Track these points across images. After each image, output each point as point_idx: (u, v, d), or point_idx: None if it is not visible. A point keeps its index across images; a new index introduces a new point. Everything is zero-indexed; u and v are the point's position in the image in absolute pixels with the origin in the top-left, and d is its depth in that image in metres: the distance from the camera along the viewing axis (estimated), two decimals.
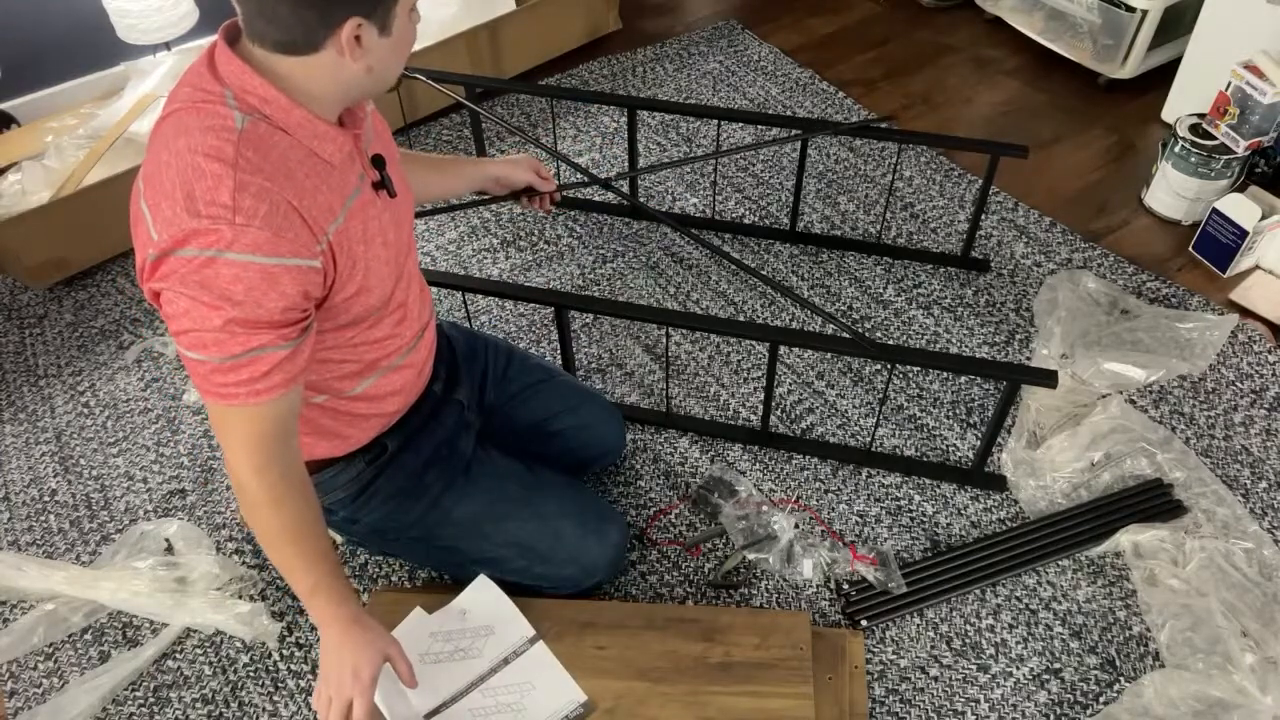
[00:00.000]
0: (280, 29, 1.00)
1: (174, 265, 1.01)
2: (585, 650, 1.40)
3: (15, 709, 1.44)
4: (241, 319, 1.02)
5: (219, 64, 1.04)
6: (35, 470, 1.77)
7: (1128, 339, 1.89)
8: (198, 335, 1.03)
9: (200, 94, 1.03)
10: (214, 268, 1.00)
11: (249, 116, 1.03)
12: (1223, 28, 2.24)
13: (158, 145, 1.04)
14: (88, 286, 2.12)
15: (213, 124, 1.01)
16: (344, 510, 1.40)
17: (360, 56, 1.04)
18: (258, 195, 1.00)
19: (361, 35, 1.02)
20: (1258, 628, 1.45)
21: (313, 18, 1.00)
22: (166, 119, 1.06)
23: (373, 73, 1.08)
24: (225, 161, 0.99)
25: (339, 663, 1.18)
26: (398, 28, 1.06)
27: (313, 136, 1.07)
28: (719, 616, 1.45)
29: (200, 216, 0.99)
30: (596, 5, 2.75)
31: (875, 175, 2.35)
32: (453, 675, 1.39)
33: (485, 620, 1.44)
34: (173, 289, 1.02)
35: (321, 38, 1.01)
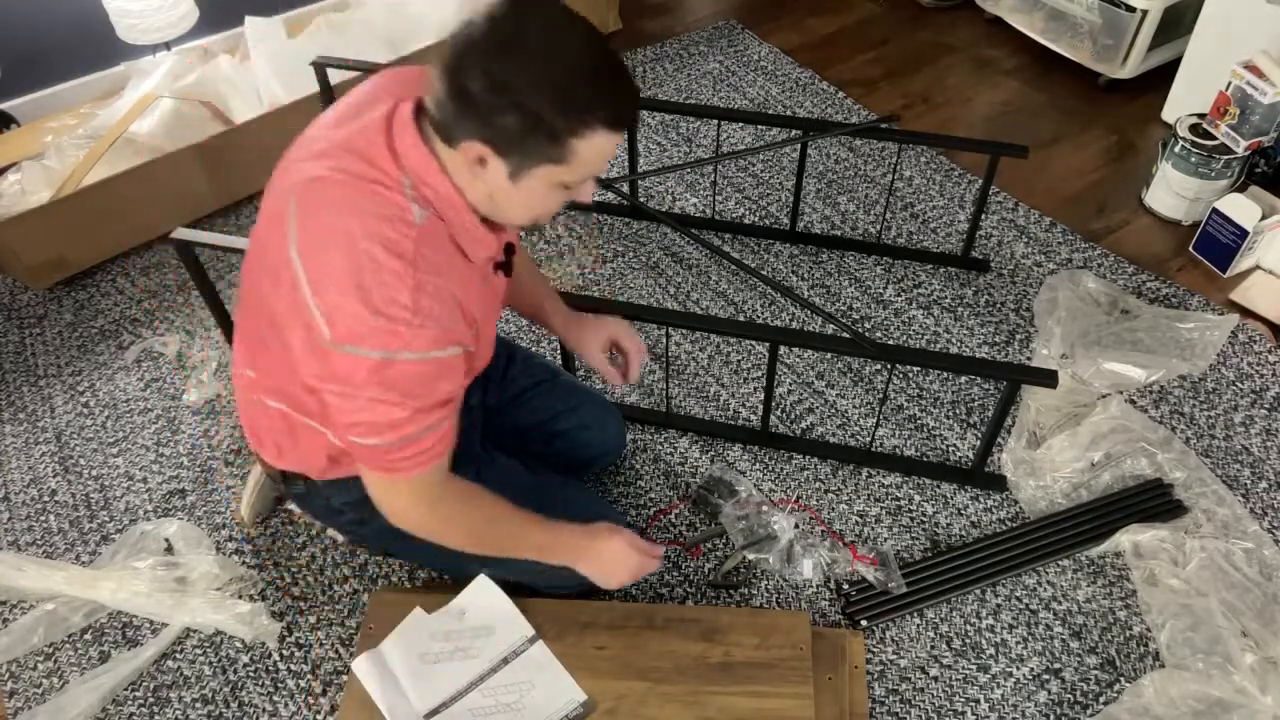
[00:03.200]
0: (437, 107, 1.01)
1: (349, 364, 1.03)
2: (585, 650, 1.40)
3: (15, 709, 1.44)
4: (417, 407, 1.06)
5: (401, 146, 1.04)
6: (35, 470, 1.77)
7: (1128, 339, 1.89)
8: (372, 427, 1.07)
9: (376, 173, 1.04)
10: (393, 368, 1.02)
11: (426, 212, 1.04)
12: (1223, 28, 2.24)
13: (318, 209, 1.04)
14: (87, 286, 2.12)
15: (390, 214, 1.02)
16: (354, 512, 1.40)
17: (480, 176, 1.04)
18: (434, 295, 1.03)
19: (486, 161, 1.02)
20: (1258, 628, 1.45)
21: (454, 115, 0.99)
22: (329, 183, 1.05)
23: (493, 202, 1.08)
24: (405, 259, 1.01)
25: (613, 561, 1.33)
26: (533, 186, 1.04)
27: (472, 241, 1.10)
28: (719, 616, 1.45)
29: (379, 315, 1.00)
30: (596, 5, 2.74)
31: (875, 175, 2.35)
32: (452, 675, 1.39)
33: (485, 620, 1.44)
34: (347, 390, 1.05)
35: (457, 136, 1.01)
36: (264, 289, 1.12)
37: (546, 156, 1.01)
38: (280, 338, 1.12)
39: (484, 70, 0.96)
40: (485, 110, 0.97)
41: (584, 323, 1.49)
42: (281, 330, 1.11)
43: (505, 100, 0.96)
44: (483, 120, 0.98)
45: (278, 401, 1.24)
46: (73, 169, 2.10)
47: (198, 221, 2.23)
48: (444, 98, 0.99)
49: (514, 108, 0.96)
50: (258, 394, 1.26)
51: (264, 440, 1.32)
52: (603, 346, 1.49)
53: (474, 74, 0.96)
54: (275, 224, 1.09)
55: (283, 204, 1.09)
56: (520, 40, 0.96)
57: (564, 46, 0.98)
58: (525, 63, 0.96)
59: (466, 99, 0.97)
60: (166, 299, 2.09)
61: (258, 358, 1.23)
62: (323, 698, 1.44)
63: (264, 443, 1.32)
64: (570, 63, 0.97)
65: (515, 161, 1.01)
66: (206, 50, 2.57)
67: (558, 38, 0.97)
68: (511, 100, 0.96)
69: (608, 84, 1.00)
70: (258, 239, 1.16)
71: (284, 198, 1.09)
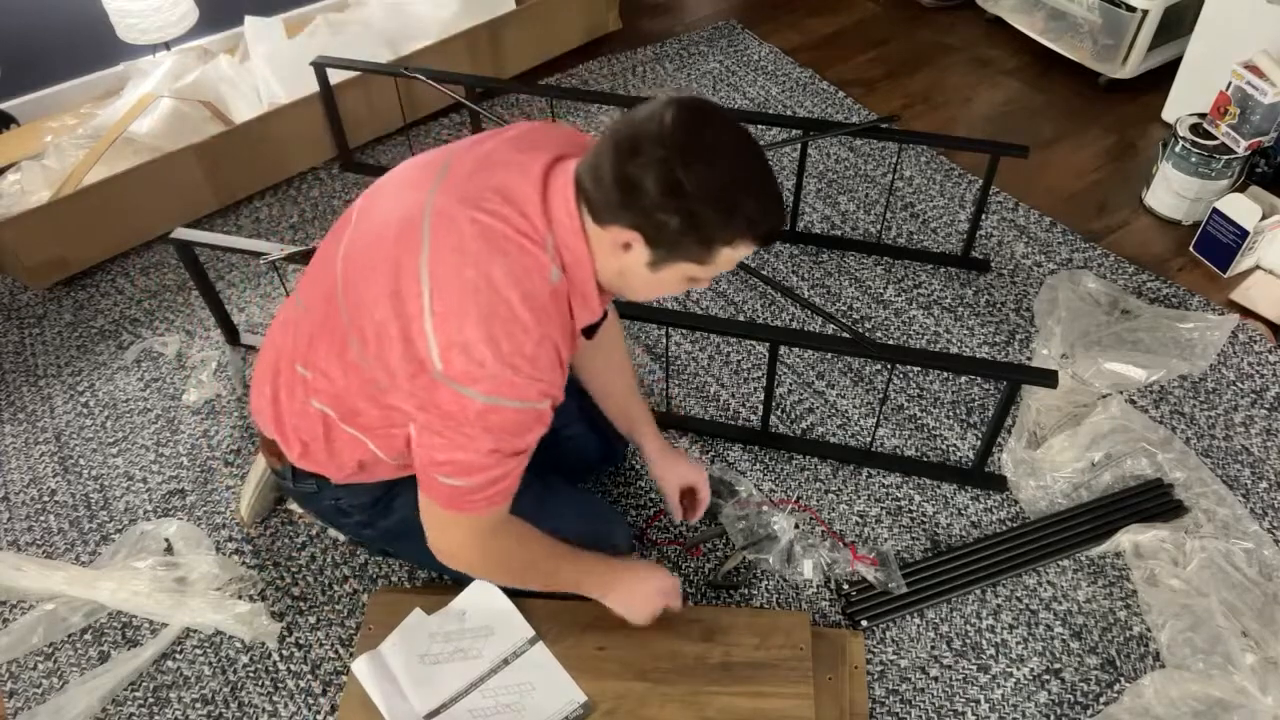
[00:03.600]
0: (595, 185, 1.05)
1: (458, 402, 1.05)
2: (586, 651, 1.40)
3: (15, 709, 1.44)
4: (507, 453, 1.10)
5: (553, 207, 1.08)
6: (35, 470, 1.77)
7: (1128, 339, 1.89)
8: (461, 466, 1.09)
9: (526, 225, 1.07)
10: (500, 414, 1.05)
11: (561, 273, 1.09)
12: (1223, 28, 2.24)
13: (463, 246, 1.06)
14: (87, 286, 2.12)
15: (530, 267, 1.06)
16: (360, 515, 1.40)
17: (619, 256, 1.09)
18: (550, 350, 1.08)
19: (633, 248, 1.07)
20: (1258, 628, 1.45)
21: (615, 200, 1.04)
22: (479, 225, 1.06)
23: (622, 278, 1.13)
24: (536, 315, 1.05)
25: (644, 596, 1.37)
26: (665, 276, 1.10)
27: (585, 306, 1.14)
28: (719, 617, 1.45)
29: (503, 364, 1.04)
30: (596, 5, 2.74)
31: (875, 175, 2.35)
32: (453, 676, 1.39)
33: (485, 621, 1.43)
34: (447, 426, 1.07)
35: (609, 220, 1.06)
36: (365, 296, 1.11)
37: (692, 256, 1.07)
38: (372, 348, 1.12)
39: (661, 170, 1.00)
40: (651, 206, 1.01)
41: (676, 458, 1.54)
42: (376, 343, 1.11)
43: (674, 203, 1.01)
44: (645, 214, 1.03)
45: (325, 405, 1.24)
46: (73, 169, 2.10)
47: (198, 221, 2.23)
48: (609, 181, 1.03)
49: (680, 211, 1.01)
50: (307, 394, 1.25)
51: (289, 436, 1.30)
52: (679, 485, 1.54)
53: (650, 170, 1.00)
54: (401, 240, 1.09)
55: (415, 225, 1.09)
56: (700, 149, 1.00)
57: (735, 162, 1.03)
58: (702, 172, 1.00)
59: (635, 191, 1.01)
60: (166, 299, 2.08)
61: (320, 357, 1.22)
62: (323, 698, 1.44)
63: (289, 439, 1.31)
64: (739, 178, 1.03)
65: (661, 254, 1.07)
66: (206, 50, 2.57)
67: (731, 152, 1.03)
68: (680, 204, 1.01)
69: (766, 204, 1.06)
70: (367, 243, 1.15)
71: (417, 220, 1.09)
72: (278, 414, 1.31)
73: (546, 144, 1.15)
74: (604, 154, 1.04)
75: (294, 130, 2.29)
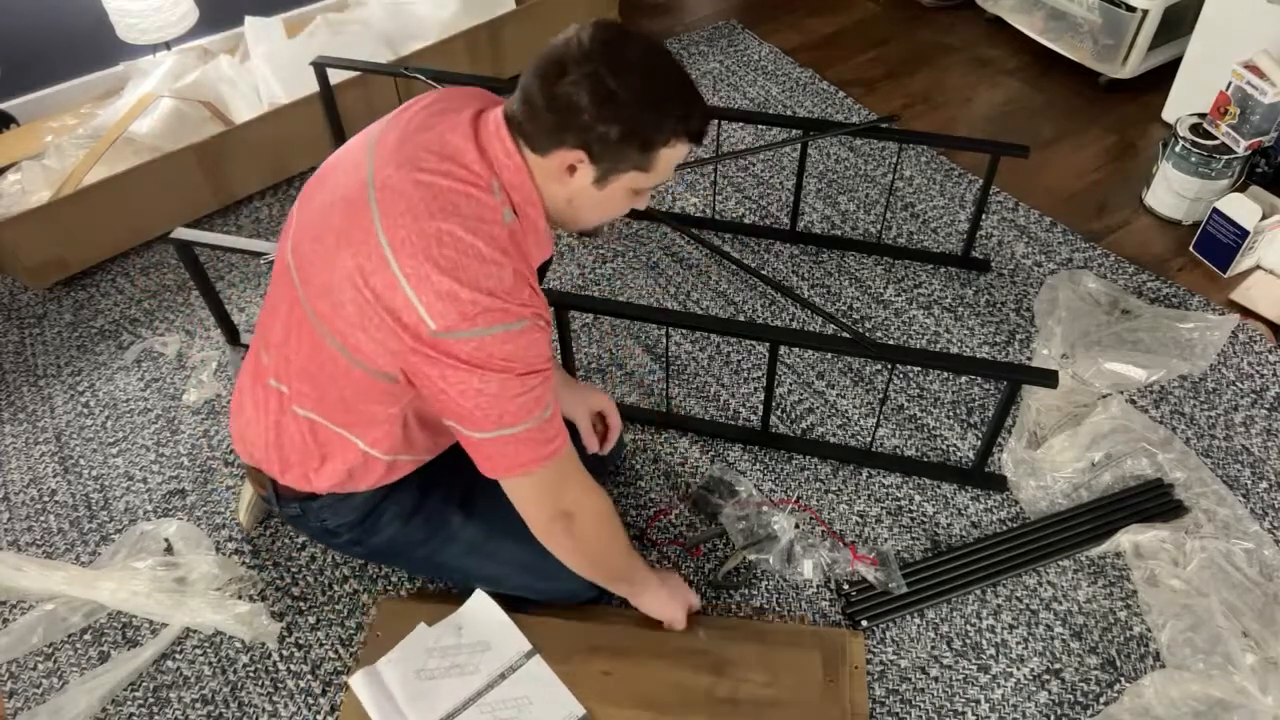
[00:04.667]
0: (529, 117, 1.09)
1: (465, 347, 1.06)
2: (591, 673, 1.38)
3: (15, 709, 1.44)
4: (542, 380, 1.11)
5: (492, 151, 1.11)
6: (35, 470, 1.77)
7: (1128, 339, 1.89)
8: (507, 408, 1.10)
9: (468, 174, 1.09)
10: (509, 340, 1.07)
11: (513, 214, 1.11)
12: (1223, 28, 2.24)
13: (417, 211, 1.07)
14: (87, 286, 2.12)
15: (483, 215, 1.08)
16: (350, 533, 1.39)
17: (565, 182, 1.12)
18: (523, 280, 1.10)
19: (577, 169, 1.11)
20: (1258, 628, 1.45)
21: (552, 124, 1.08)
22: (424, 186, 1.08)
23: (571, 206, 1.16)
24: (501, 251, 1.08)
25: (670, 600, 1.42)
26: (612, 192, 1.14)
27: (538, 244, 1.17)
28: (728, 649, 1.41)
29: (487, 296, 1.05)
30: (596, 5, 2.74)
31: (875, 175, 2.35)
32: (450, 692, 1.38)
33: (481, 636, 1.43)
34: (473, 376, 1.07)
35: (551, 145, 1.09)
36: (329, 283, 1.12)
37: (634, 164, 1.11)
38: (353, 333, 1.12)
39: (592, 83, 1.04)
40: (590, 120, 1.05)
41: (574, 387, 1.54)
42: (357, 324, 1.11)
43: (611, 111, 1.05)
44: (585, 129, 1.06)
45: (309, 411, 1.23)
46: (73, 169, 2.10)
47: (198, 221, 2.23)
48: (542, 106, 1.07)
49: (618, 119, 1.05)
50: (284, 405, 1.25)
51: (270, 455, 1.30)
52: (589, 413, 1.54)
53: (581, 86, 1.04)
54: (350, 219, 1.10)
55: (361, 202, 1.10)
56: (624, 58, 1.06)
57: (658, 66, 1.09)
58: (631, 79, 1.05)
59: (571, 109, 1.05)
60: (166, 299, 2.08)
61: (294, 365, 1.22)
62: (322, 698, 1.44)
63: (269, 457, 1.31)
64: (666, 81, 1.09)
65: (605, 168, 1.10)
66: (206, 50, 2.57)
67: (653, 58, 1.09)
68: (617, 111, 1.05)
69: (692, 101, 1.12)
70: (315, 234, 1.15)
71: (361, 197, 1.10)
72: (260, 434, 1.31)
73: (465, 102, 1.18)
74: (531, 84, 1.08)
75: (294, 130, 2.28)
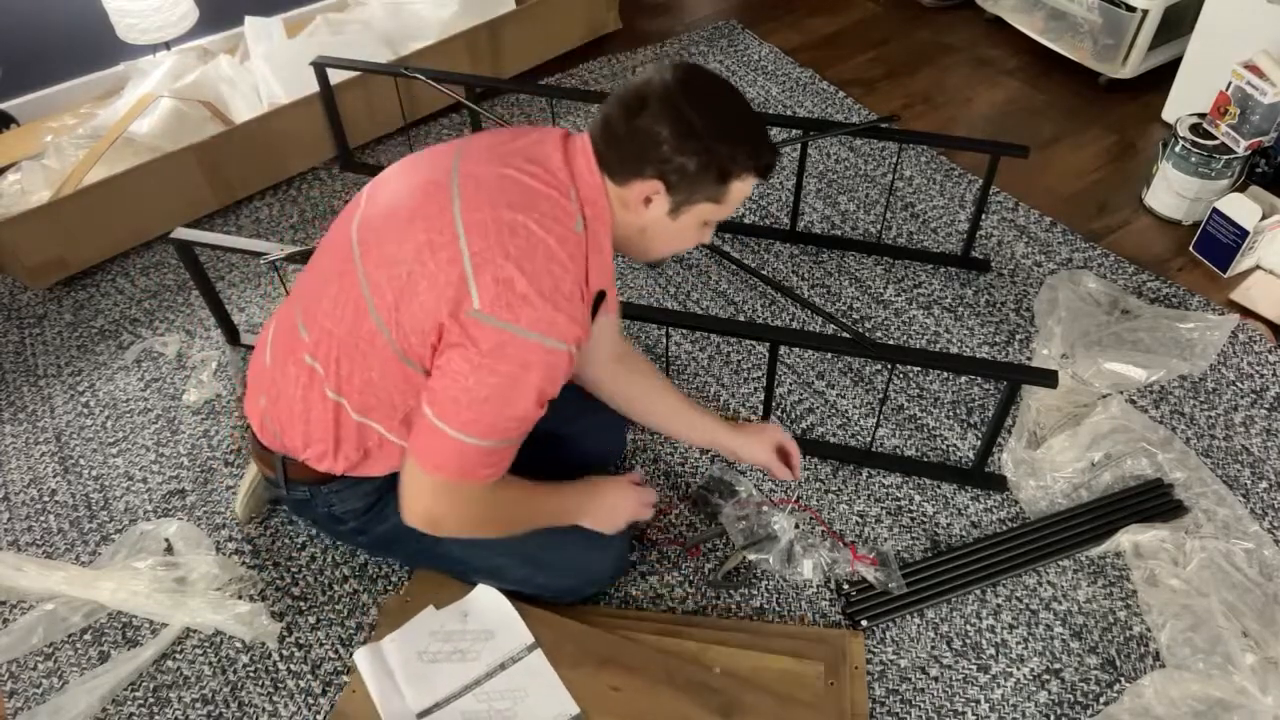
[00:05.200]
0: (609, 145, 1.14)
1: (495, 338, 1.07)
2: (599, 685, 1.38)
3: (15, 709, 1.44)
4: (532, 419, 1.13)
5: (577, 163, 1.16)
6: (35, 470, 1.77)
7: (1128, 339, 1.89)
8: (498, 418, 1.11)
9: (551, 178, 1.14)
10: (539, 353, 1.08)
11: (584, 225, 1.15)
12: (1223, 28, 2.24)
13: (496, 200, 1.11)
14: (87, 286, 2.12)
15: (559, 215, 1.12)
16: (355, 521, 1.40)
17: (638, 212, 1.17)
18: (581, 293, 1.12)
19: (653, 200, 1.16)
20: (1258, 628, 1.45)
21: (632, 154, 1.13)
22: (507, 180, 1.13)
23: (643, 235, 1.21)
24: (571, 253, 1.11)
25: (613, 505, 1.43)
26: (685, 223, 1.19)
27: (600, 266, 1.18)
28: (743, 695, 1.37)
29: (544, 298, 1.08)
30: (596, 5, 2.75)
31: (875, 175, 2.35)
32: (449, 676, 1.39)
33: (486, 624, 1.43)
34: (485, 363, 1.08)
35: (629, 174, 1.14)
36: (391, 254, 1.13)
37: (708, 195, 1.16)
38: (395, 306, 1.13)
39: (674, 116, 1.10)
40: (670, 152, 1.11)
41: (748, 430, 1.52)
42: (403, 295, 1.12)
43: (690, 144, 1.10)
44: (665, 160, 1.11)
45: (338, 394, 1.24)
46: (73, 169, 2.10)
47: (198, 221, 2.23)
48: (624, 137, 1.12)
49: (697, 151, 1.11)
50: (320, 384, 1.25)
51: (294, 429, 1.30)
52: (773, 449, 1.51)
53: (663, 119, 1.10)
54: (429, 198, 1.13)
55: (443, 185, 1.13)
56: (704, 95, 1.12)
57: (733, 104, 1.15)
58: (708, 113, 1.11)
59: (651, 140, 1.11)
60: (166, 299, 2.08)
61: (333, 341, 1.22)
62: (322, 698, 1.44)
63: (293, 431, 1.30)
64: (739, 116, 1.15)
65: (680, 199, 1.15)
66: (206, 50, 2.57)
67: (728, 96, 1.15)
68: (696, 144, 1.10)
69: (763, 138, 1.17)
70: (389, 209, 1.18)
71: (444, 181, 1.14)
72: (282, 409, 1.30)
73: (553, 129, 1.23)
74: (613, 115, 1.13)
75: (294, 130, 2.29)
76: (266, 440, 1.36)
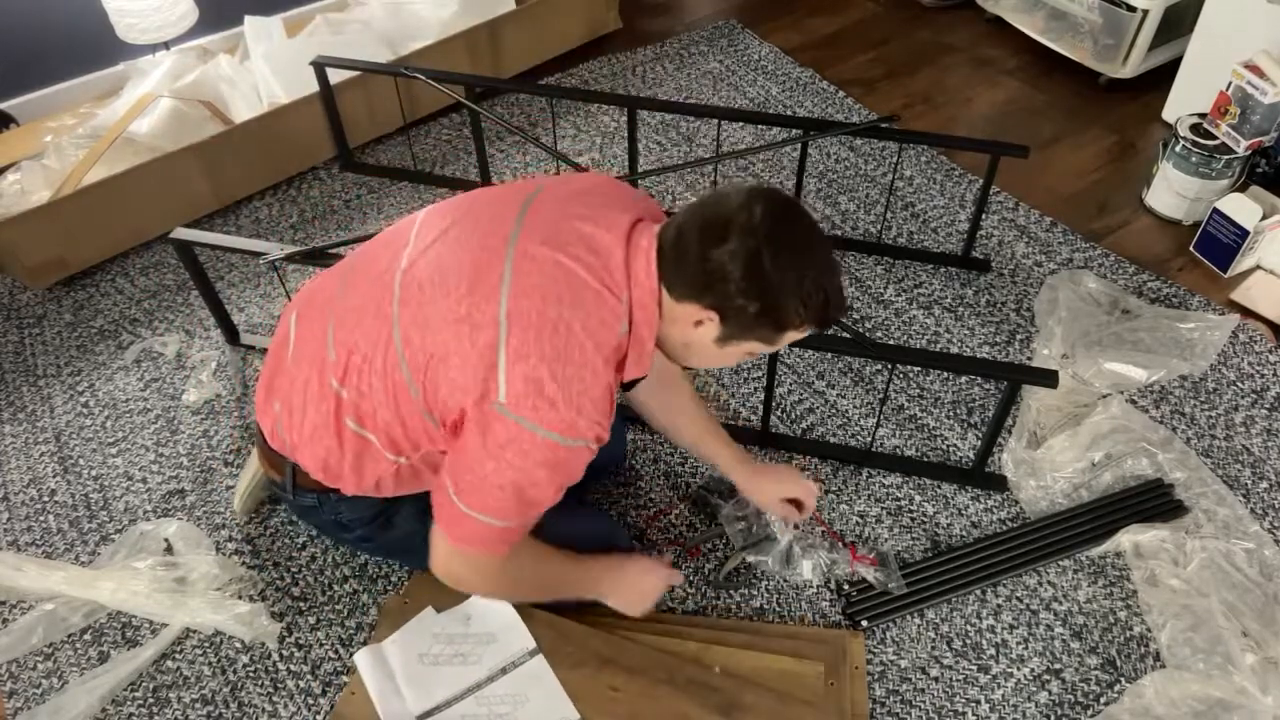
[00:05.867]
0: (677, 263, 1.10)
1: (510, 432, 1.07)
2: (599, 686, 1.38)
3: (15, 709, 1.44)
4: (549, 501, 1.13)
5: (637, 264, 1.12)
6: (35, 470, 1.77)
7: (1128, 339, 1.89)
8: (515, 504, 1.11)
9: (608, 277, 1.11)
10: (554, 450, 1.08)
11: (628, 329, 1.12)
12: (1223, 27, 2.24)
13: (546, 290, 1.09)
14: (87, 286, 2.12)
15: (606, 319, 1.10)
16: (362, 529, 1.40)
17: (688, 333, 1.15)
18: (609, 395, 1.11)
19: (704, 325, 1.12)
20: (1258, 628, 1.45)
21: (698, 281, 1.09)
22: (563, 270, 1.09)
23: (686, 350, 1.19)
24: (606, 360, 1.09)
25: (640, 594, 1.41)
26: (729, 350, 1.17)
27: (638, 363, 1.16)
28: (743, 694, 1.37)
29: (570, 405, 1.06)
30: (596, 5, 2.74)
31: (876, 175, 2.35)
32: (450, 679, 1.38)
33: (488, 628, 1.43)
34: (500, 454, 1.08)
35: (687, 297, 1.11)
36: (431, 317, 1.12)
37: (759, 337, 1.14)
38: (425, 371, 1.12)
39: (751, 260, 1.05)
40: (735, 292, 1.07)
41: (763, 473, 1.54)
42: (435, 366, 1.11)
43: (756, 289, 1.07)
44: (727, 298, 1.08)
45: (360, 426, 1.22)
46: (72, 169, 2.10)
47: (197, 221, 2.22)
48: (694, 261, 1.08)
49: (760, 298, 1.07)
50: (341, 412, 1.22)
51: (311, 448, 1.27)
52: (780, 499, 1.53)
53: (738, 259, 1.06)
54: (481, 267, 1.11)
55: (498, 255, 1.11)
56: (787, 244, 1.07)
57: (815, 257, 1.10)
58: (788, 267, 1.07)
59: (720, 276, 1.07)
60: (166, 299, 2.08)
61: (362, 375, 1.19)
62: (322, 698, 1.44)
63: (309, 455, 1.28)
64: (819, 273, 1.09)
65: (731, 333, 1.13)
66: (206, 50, 2.56)
67: (813, 248, 1.10)
68: (761, 292, 1.07)
69: (836, 296, 1.13)
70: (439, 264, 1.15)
71: (500, 250, 1.12)
72: (299, 424, 1.27)
73: (626, 203, 1.19)
74: (690, 234, 1.09)
75: (294, 130, 2.28)
76: (277, 446, 1.34)
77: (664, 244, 1.12)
